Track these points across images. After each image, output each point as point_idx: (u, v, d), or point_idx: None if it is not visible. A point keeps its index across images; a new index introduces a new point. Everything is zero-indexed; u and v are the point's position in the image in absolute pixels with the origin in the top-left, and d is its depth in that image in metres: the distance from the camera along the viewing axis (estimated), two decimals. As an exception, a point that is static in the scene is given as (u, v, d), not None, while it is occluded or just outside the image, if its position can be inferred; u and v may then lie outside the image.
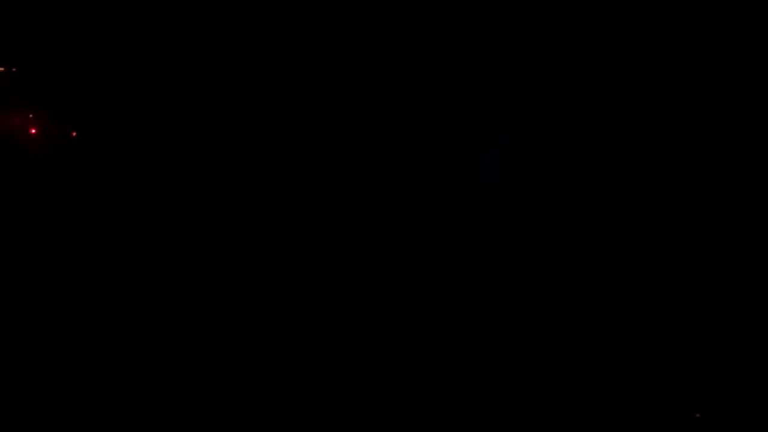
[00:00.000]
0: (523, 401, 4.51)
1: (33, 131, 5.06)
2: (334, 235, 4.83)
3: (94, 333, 4.65)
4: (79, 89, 5.07)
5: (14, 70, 5.08)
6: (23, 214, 4.91)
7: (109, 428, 4.38)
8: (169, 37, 5.02)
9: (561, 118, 4.87)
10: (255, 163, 4.94)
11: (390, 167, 4.88)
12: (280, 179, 4.91)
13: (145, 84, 5.05)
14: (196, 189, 4.96)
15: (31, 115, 5.06)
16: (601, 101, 4.86)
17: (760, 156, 4.75)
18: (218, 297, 4.72)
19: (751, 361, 4.55)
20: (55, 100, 5.06)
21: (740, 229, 4.72)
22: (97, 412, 4.41)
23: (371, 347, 4.62)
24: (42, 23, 5.04)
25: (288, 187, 4.90)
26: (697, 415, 4.54)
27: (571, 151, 4.85)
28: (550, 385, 4.54)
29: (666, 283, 4.72)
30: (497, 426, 4.44)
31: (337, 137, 4.91)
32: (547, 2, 4.86)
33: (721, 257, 4.71)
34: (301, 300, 4.71)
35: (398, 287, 4.74)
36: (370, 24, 4.89)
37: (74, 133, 5.05)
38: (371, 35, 4.90)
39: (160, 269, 4.80)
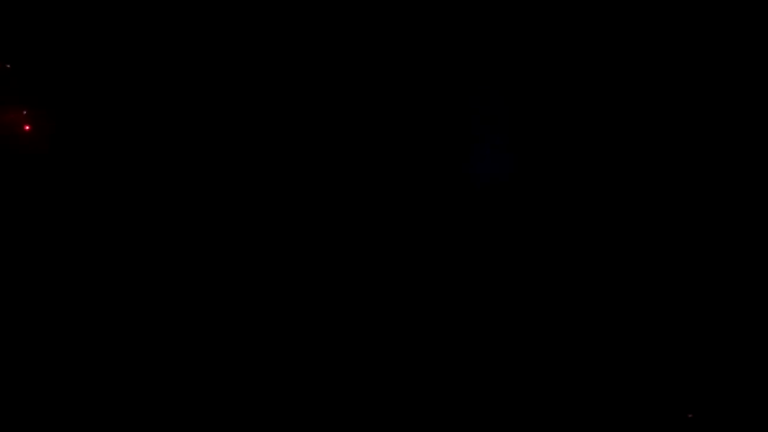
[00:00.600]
0: (522, 401, 4.54)
1: (27, 128, 5.05)
2: (333, 235, 4.84)
3: (91, 332, 4.65)
4: (73, 86, 5.06)
5: (8, 66, 5.06)
6: (19, 212, 4.90)
7: (109, 428, 4.39)
8: (165, 33, 5.01)
9: (556, 117, 4.89)
10: (252, 161, 4.94)
11: (387, 167, 4.89)
12: (279, 178, 4.92)
13: (142, 81, 5.04)
14: (190, 185, 4.96)
15: (25, 112, 5.05)
16: (594, 100, 4.88)
17: (760, 156, 4.79)
18: (216, 296, 4.73)
19: (749, 362, 4.60)
20: (50, 96, 5.05)
21: (740, 229, 4.76)
22: (97, 412, 4.42)
23: (370, 346, 4.64)
24: (37, 20, 5.02)
25: (285, 187, 4.90)
26: (690, 416, 4.59)
27: (567, 150, 4.88)
28: (550, 384, 4.58)
29: (662, 281, 4.76)
30: (497, 426, 4.48)
31: (335, 137, 4.92)
32: (540, 1, 4.89)
33: (719, 255, 4.75)
34: (299, 299, 4.72)
35: (397, 286, 4.76)
36: (367, 25, 4.90)
37: (67, 130, 5.04)
38: (367, 36, 4.90)
39: (157, 268, 4.80)
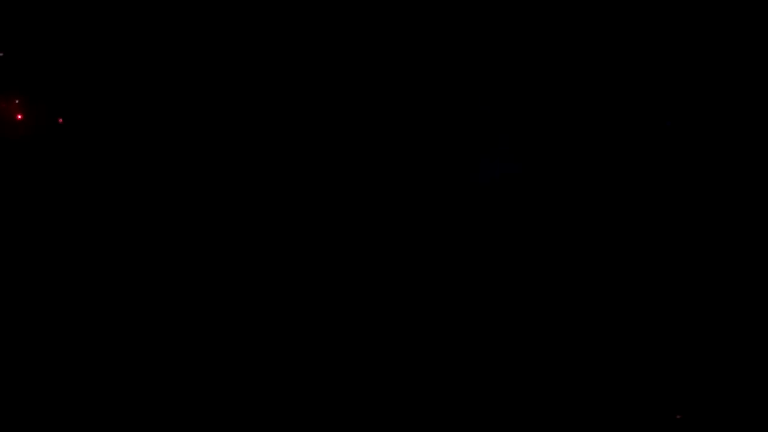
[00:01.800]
0: (522, 401, 4.59)
1: (19, 117, 5.00)
2: (335, 237, 4.83)
3: (83, 330, 4.64)
4: (65, 76, 5.01)
5: (0, 54, 5.01)
6: (12, 202, 4.86)
7: (109, 428, 4.40)
8: (157, 22, 4.97)
9: (559, 118, 4.91)
10: (253, 163, 4.93)
11: (391, 169, 4.89)
12: (277, 181, 4.90)
13: (135, 71, 5.00)
14: (182, 175, 4.94)
15: (17, 101, 5.00)
16: (597, 100, 4.91)
17: (760, 156, 4.84)
18: (216, 296, 4.73)
19: (747, 363, 4.66)
20: (41, 86, 5.01)
21: (740, 230, 4.81)
22: (97, 412, 4.43)
23: (373, 347, 4.66)
24: (28, 9, 4.96)
25: (286, 189, 4.88)
26: (678, 416, 4.66)
27: (571, 150, 4.91)
28: (549, 385, 4.63)
29: (664, 283, 4.81)
30: (497, 426, 4.52)
31: (337, 139, 4.91)
32: (545, 3, 4.89)
33: (720, 256, 4.80)
34: (302, 301, 4.73)
35: (400, 287, 4.77)
36: (369, 25, 4.88)
37: (60, 120, 5.00)
38: (370, 37, 4.89)
39: (152, 265, 4.79)
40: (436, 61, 4.91)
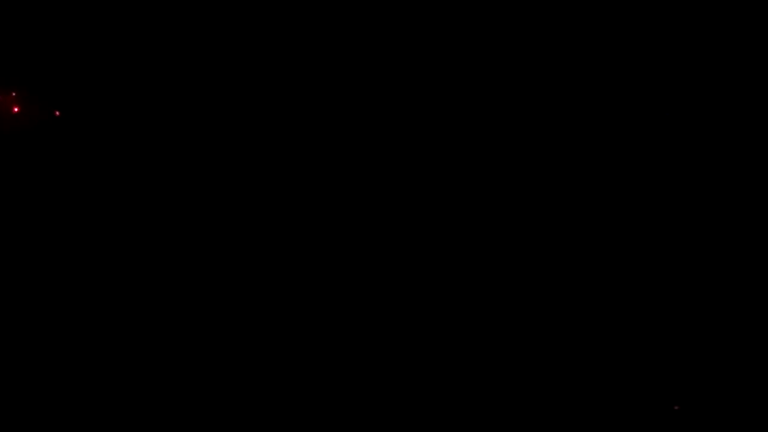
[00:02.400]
0: (523, 401, 4.61)
1: (16, 110, 5.00)
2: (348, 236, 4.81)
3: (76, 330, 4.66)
4: (62, 69, 4.99)
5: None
6: (7, 197, 4.86)
7: (109, 428, 4.43)
8: (155, 17, 4.96)
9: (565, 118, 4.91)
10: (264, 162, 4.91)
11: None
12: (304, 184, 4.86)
13: (132, 66, 4.98)
14: (181, 170, 4.94)
15: (13, 94, 4.99)
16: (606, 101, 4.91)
17: (760, 156, 4.85)
18: (217, 297, 4.73)
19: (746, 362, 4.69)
20: (38, 79, 4.99)
21: (740, 230, 4.82)
22: (97, 412, 4.45)
23: (379, 348, 4.67)
24: (25, 3, 4.95)
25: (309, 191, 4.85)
26: (676, 407, 4.69)
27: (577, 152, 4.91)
28: (550, 385, 4.65)
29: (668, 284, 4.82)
30: (497, 426, 4.55)
31: (346, 134, 4.88)
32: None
33: (721, 257, 4.82)
34: (302, 300, 4.73)
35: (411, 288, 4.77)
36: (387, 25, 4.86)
37: (57, 113, 4.99)
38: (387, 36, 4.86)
39: (151, 262, 4.80)
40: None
